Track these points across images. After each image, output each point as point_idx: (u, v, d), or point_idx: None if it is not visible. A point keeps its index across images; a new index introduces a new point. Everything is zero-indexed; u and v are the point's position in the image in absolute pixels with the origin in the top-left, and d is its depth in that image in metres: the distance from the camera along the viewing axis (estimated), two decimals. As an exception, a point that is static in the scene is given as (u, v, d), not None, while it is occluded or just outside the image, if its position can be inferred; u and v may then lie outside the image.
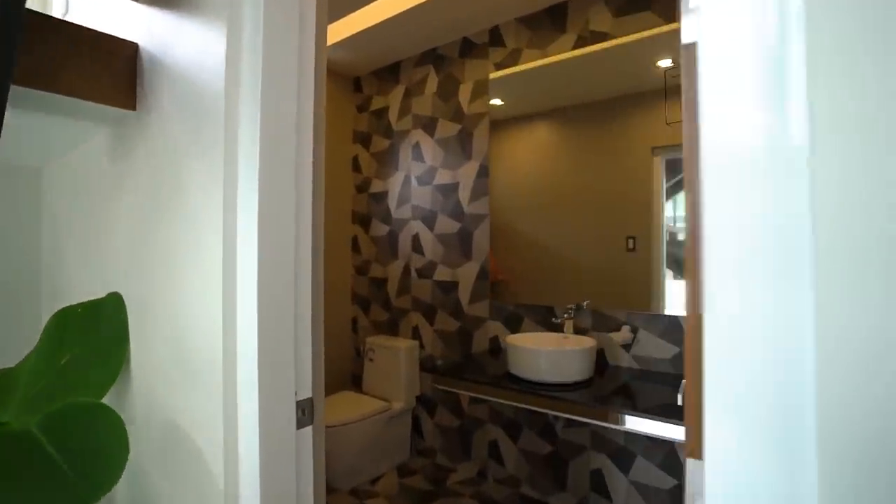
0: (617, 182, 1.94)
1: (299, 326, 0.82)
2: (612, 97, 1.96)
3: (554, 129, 2.16)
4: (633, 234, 1.89)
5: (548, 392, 1.60)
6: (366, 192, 3.00)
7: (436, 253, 2.59)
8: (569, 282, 2.08)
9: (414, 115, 2.72)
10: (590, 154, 2.03)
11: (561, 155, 2.12)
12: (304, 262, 0.83)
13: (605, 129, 1.98)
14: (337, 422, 2.21)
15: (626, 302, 1.90)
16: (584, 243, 2.04)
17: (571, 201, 2.08)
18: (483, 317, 2.38)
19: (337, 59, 2.81)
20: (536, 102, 2.20)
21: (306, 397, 0.81)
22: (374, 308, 2.93)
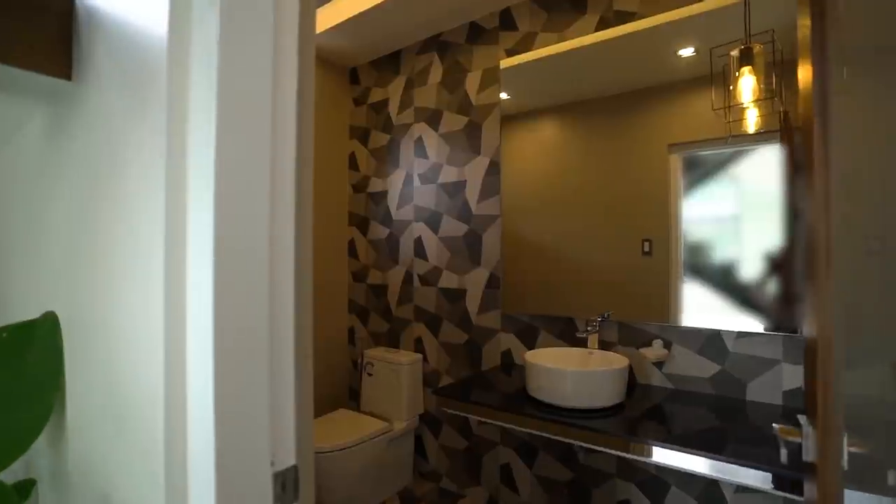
0: (631, 181, 1.77)
1: (278, 365, 0.60)
2: (627, 91, 1.79)
3: (564, 126, 1.96)
4: (649, 236, 1.69)
5: (573, 420, 1.38)
6: (363, 191, 2.78)
7: (441, 258, 2.37)
8: (586, 290, 1.87)
9: (416, 107, 2.51)
10: (603, 152, 1.85)
11: (572, 153, 1.93)
12: (283, 274, 0.61)
13: (618, 125, 1.81)
14: (332, 446, 1.98)
15: (651, 312, 1.70)
16: (599, 247, 1.84)
17: (584, 201, 1.89)
18: (494, 329, 2.16)
19: (331, 48, 2.59)
20: (546, 97, 2.00)
21: (288, 466, 0.59)
22: (372, 318, 2.70)
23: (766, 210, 1.47)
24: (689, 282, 1.62)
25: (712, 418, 1.40)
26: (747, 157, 1.52)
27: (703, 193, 1.61)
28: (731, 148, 1.54)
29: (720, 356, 1.56)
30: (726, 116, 1.53)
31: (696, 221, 1.63)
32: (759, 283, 1.48)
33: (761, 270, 1.48)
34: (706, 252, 1.60)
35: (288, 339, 0.62)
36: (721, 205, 1.57)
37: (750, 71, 1.43)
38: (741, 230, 1.53)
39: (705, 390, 1.59)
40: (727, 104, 1.53)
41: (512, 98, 2.10)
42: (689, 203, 1.63)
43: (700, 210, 1.62)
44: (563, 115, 1.96)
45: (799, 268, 1.42)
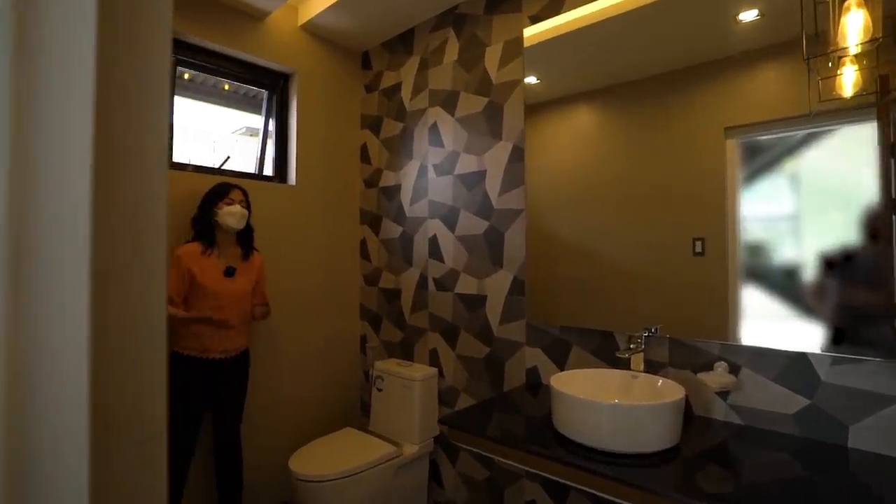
0: (680, 172, 1.47)
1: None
2: (675, 69, 1.49)
3: (601, 112, 1.65)
4: (701, 234, 1.38)
5: (611, 468, 1.07)
6: (375, 186, 2.53)
7: (458, 259, 2.09)
8: (628, 298, 1.55)
9: (430, 90, 2.23)
10: (646, 140, 1.54)
11: (610, 142, 1.62)
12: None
13: (665, 109, 1.50)
14: (333, 474, 1.73)
15: (709, 326, 1.36)
16: (642, 247, 1.53)
17: (625, 196, 1.58)
18: (518, 341, 1.85)
19: (340, 30, 2.36)
20: (580, 80, 1.69)
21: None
22: (385, 325, 2.45)
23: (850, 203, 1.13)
24: (750, 287, 1.29)
25: (798, 468, 1.05)
26: (826, 138, 1.18)
27: (767, 183, 1.28)
28: (803, 129, 1.21)
29: (808, 387, 1.20)
30: (816, 72, 1.17)
31: (756, 217, 1.30)
32: (854, 295, 1.12)
33: (859, 279, 1.11)
34: (768, 252, 1.27)
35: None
36: (788, 197, 1.23)
37: (859, 3, 1.07)
38: (816, 225, 1.18)
39: (787, 430, 1.23)
40: (814, 56, 1.17)
41: (541, 82, 1.79)
42: (749, 195, 1.31)
43: (762, 203, 1.29)
44: (599, 100, 1.65)
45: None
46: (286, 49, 2.30)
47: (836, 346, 1.15)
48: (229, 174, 2.15)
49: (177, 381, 1.74)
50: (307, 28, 2.35)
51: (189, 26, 1.97)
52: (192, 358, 1.73)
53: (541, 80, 1.79)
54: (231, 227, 1.80)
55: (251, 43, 2.17)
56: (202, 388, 1.75)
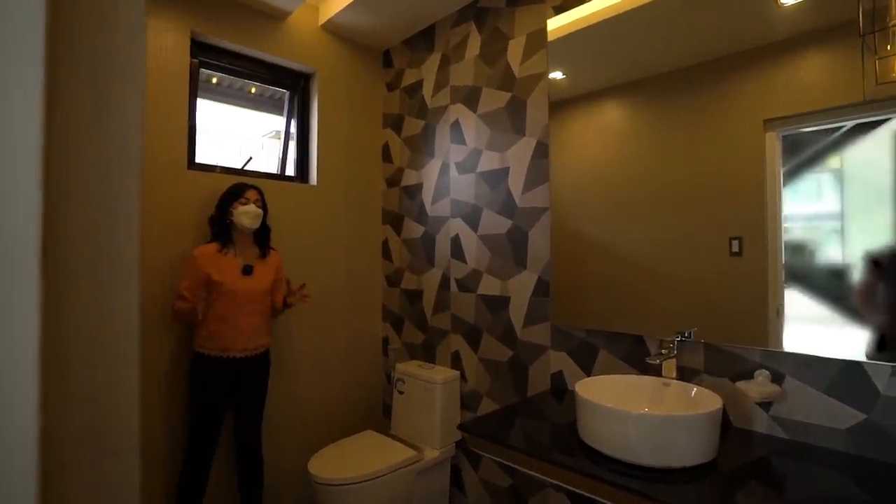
0: (716, 168, 1.37)
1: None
2: (711, 59, 1.39)
3: (629, 108, 1.56)
4: (739, 233, 1.28)
5: (640, 482, 0.99)
6: (397, 185, 2.50)
7: (480, 259, 2.03)
8: (659, 300, 1.46)
9: (452, 86, 2.18)
10: (679, 135, 1.45)
11: (638, 139, 1.53)
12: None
13: (699, 102, 1.40)
14: (353, 477, 1.70)
15: (747, 330, 1.26)
16: (675, 247, 1.44)
17: (656, 194, 1.49)
18: (542, 345, 1.78)
19: (360, 28, 2.34)
20: (607, 74, 1.61)
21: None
22: (407, 327, 2.41)
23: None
24: (793, 290, 1.19)
25: (853, 489, 0.95)
26: (878, 129, 1.07)
27: (810, 178, 1.18)
28: (852, 119, 1.11)
29: (865, 400, 1.09)
30: (873, 51, 1.06)
31: (798, 215, 1.20)
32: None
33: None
34: (811, 252, 1.17)
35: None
36: (832, 193, 1.13)
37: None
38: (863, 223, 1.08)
39: (839, 446, 1.12)
40: (871, 33, 1.06)
41: (566, 77, 1.71)
42: (791, 192, 1.22)
43: (804, 200, 1.19)
44: (627, 94, 1.57)
45: None
46: (307, 49, 2.29)
47: (879, 352, 1.04)
48: (252, 175, 2.15)
49: (198, 380, 1.74)
50: (328, 27, 2.33)
51: (210, 28, 1.98)
52: (212, 357, 1.74)
53: (566, 75, 1.72)
54: (246, 226, 1.80)
55: (272, 43, 2.17)
56: (223, 388, 1.75)
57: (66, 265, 0.35)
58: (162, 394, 1.80)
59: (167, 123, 1.85)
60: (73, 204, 0.36)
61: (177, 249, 1.84)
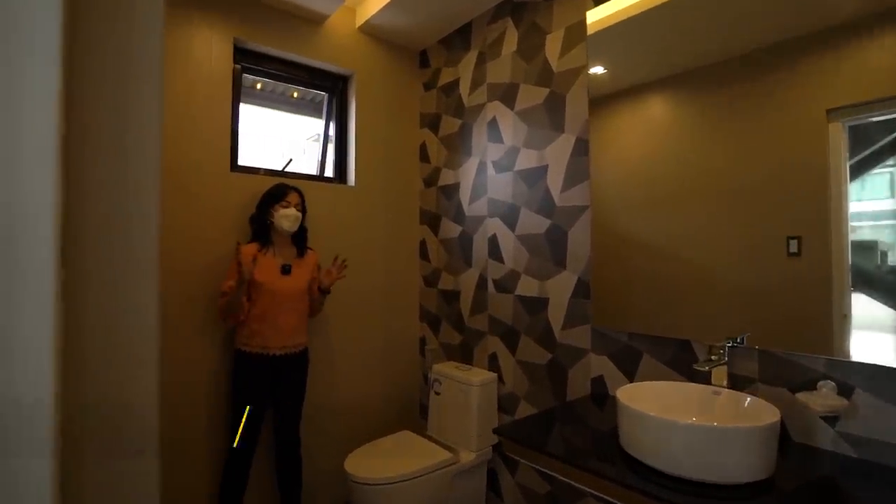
0: (772, 163, 1.27)
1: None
2: (766, 45, 1.28)
3: (676, 101, 1.48)
4: (797, 232, 1.18)
5: (690, 497, 0.92)
6: (434, 185, 2.49)
7: (518, 260, 1.99)
8: (709, 303, 1.37)
9: (489, 84, 2.15)
10: (731, 128, 1.36)
11: (686, 134, 1.45)
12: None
13: (753, 92, 1.30)
14: (388, 478, 1.70)
15: (809, 337, 1.16)
16: (726, 247, 1.35)
17: (705, 191, 1.40)
18: (582, 348, 1.72)
19: (397, 29, 2.34)
20: (651, 66, 1.54)
21: None
22: (444, 328, 2.40)
23: None
24: (860, 294, 1.09)
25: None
26: None
27: (879, 172, 1.08)
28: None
29: (946, 416, 0.98)
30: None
31: (865, 213, 1.11)
32: None
33: None
34: (880, 252, 1.06)
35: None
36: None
37: None
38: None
39: (917, 467, 1.01)
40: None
41: (607, 72, 1.65)
42: (857, 187, 1.12)
43: (872, 196, 1.09)
44: (674, 87, 1.49)
45: None
46: (345, 51, 2.32)
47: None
48: (292, 176, 2.20)
49: (239, 377, 1.79)
50: (365, 29, 2.36)
51: (252, 34, 2.04)
52: (252, 355, 1.78)
53: (607, 70, 1.65)
54: (285, 229, 1.84)
55: (311, 47, 2.21)
56: (263, 385, 1.80)
57: (80, 265, 0.35)
58: (210, 392, 1.87)
59: (211, 128, 1.92)
60: (89, 203, 0.36)
61: (220, 251, 1.90)
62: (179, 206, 1.83)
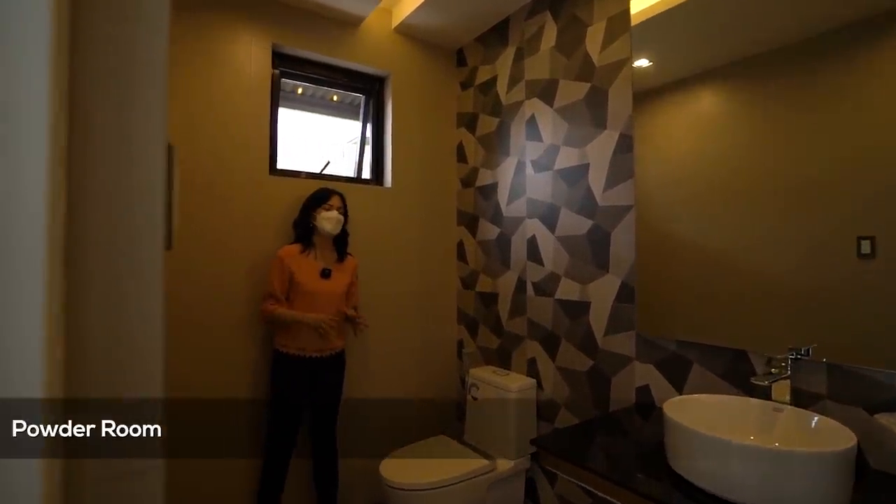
0: (839, 156, 1.15)
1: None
2: (834, 27, 1.16)
3: (728, 94, 1.38)
4: (870, 232, 1.07)
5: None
6: (472, 186, 2.44)
7: (558, 262, 1.91)
8: (768, 309, 1.26)
9: (527, 81, 2.09)
10: (790, 121, 1.26)
11: (741, 128, 1.34)
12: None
13: (818, 79, 1.19)
14: (423, 483, 1.68)
15: (887, 351, 1.04)
16: (786, 248, 1.23)
17: (759, 190, 1.30)
18: (626, 356, 1.63)
19: (433, 28, 2.32)
20: (702, 56, 1.43)
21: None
22: (482, 331, 2.35)
23: None
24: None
25: None
26: None
27: None
28: None
29: None
30: None
31: None
32: None
33: None
34: None
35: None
36: None
37: None
38: None
39: None
40: None
41: (652, 65, 1.55)
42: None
43: None
44: (727, 78, 1.38)
45: None
46: (381, 53, 2.32)
47: None
48: (329, 178, 2.22)
49: (278, 378, 1.82)
50: (401, 30, 2.34)
51: (289, 39, 2.07)
52: (290, 356, 1.80)
53: (652, 62, 1.55)
54: (328, 231, 1.85)
55: (347, 49, 2.22)
56: (300, 386, 1.81)
57: (82, 270, 0.33)
58: (250, 392, 1.90)
59: (250, 132, 1.96)
60: (90, 205, 0.34)
61: (259, 253, 1.93)
62: (219, 208, 1.88)
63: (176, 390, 1.74)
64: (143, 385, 0.37)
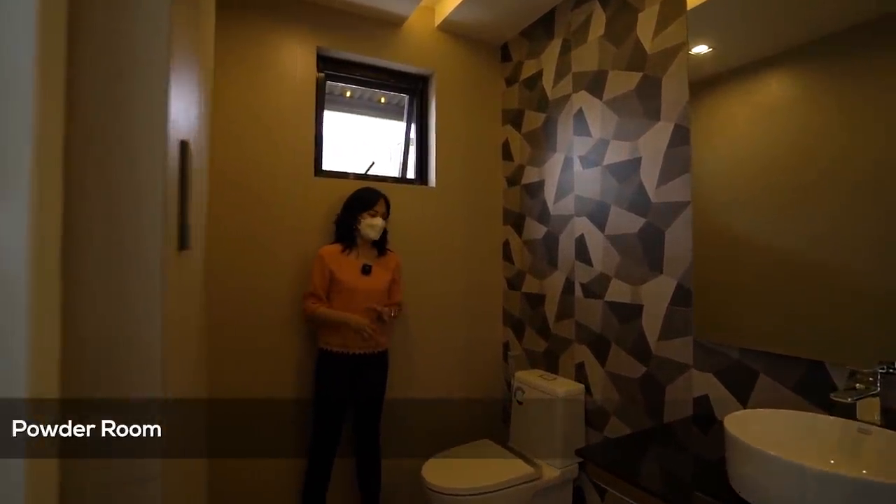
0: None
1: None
2: None
3: (800, 79, 1.24)
4: None
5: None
6: (518, 184, 2.38)
7: (608, 262, 1.82)
8: (848, 315, 1.12)
9: (574, 73, 2.00)
10: (880, 106, 1.07)
11: (814, 115, 1.20)
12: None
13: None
14: (465, 489, 1.64)
15: None
16: (869, 247, 1.08)
17: (837, 182, 1.15)
18: (683, 363, 1.51)
19: (477, 24, 2.28)
20: (770, 38, 1.29)
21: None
22: (528, 333, 2.28)
23: None
24: None
25: None
26: None
27: None
28: None
29: None
30: None
31: None
32: None
33: None
34: None
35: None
36: None
37: None
38: None
39: None
40: None
41: (713, 51, 1.43)
42: None
43: None
44: (798, 62, 1.24)
45: None
46: (424, 51, 2.30)
47: None
48: (374, 179, 2.23)
49: (321, 375, 1.84)
50: (444, 27, 2.32)
51: (334, 42, 2.09)
52: (333, 353, 1.82)
53: (712, 48, 1.43)
54: (370, 238, 1.87)
55: (391, 50, 2.22)
56: (344, 383, 1.83)
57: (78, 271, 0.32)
58: (295, 389, 1.94)
59: (295, 135, 2.00)
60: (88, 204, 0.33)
61: (304, 253, 1.97)
62: (264, 210, 1.93)
63: (222, 391, 1.81)
64: (142, 385, 0.35)
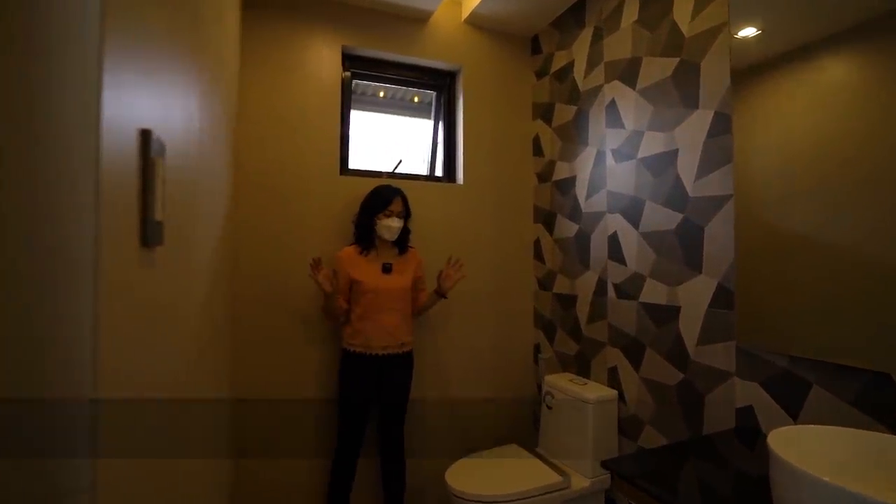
0: None
1: None
2: None
3: (862, 61, 1.09)
4: None
5: None
6: (549, 181, 2.30)
7: (642, 261, 1.71)
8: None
9: (606, 63, 1.90)
10: None
11: (879, 101, 1.05)
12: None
13: None
14: (489, 496, 1.59)
15: None
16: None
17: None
18: (724, 371, 1.40)
19: (505, 16, 2.22)
20: (826, 15, 1.16)
21: None
22: (559, 335, 2.20)
23: None
24: None
25: None
26: None
27: None
28: None
29: None
30: None
31: None
32: None
33: None
34: None
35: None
36: None
37: None
38: None
39: None
40: None
41: (760, 33, 1.31)
42: None
43: None
44: (860, 42, 1.10)
45: None
46: (451, 46, 2.26)
47: None
48: (401, 177, 2.21)
49: (346, 375, 1.83)
50: (471, 21, 2.27)
51: (359, 40, 2.08)
52: (357, 354, 1.81)
53: (761, 30, 1.30)
54: (387, 238, 1.85)
55: (417, 46, 2.19)
56: (368, 383, 1.81)
57: None
58: (318, 391, 1.95)
59: (321, 134, 2.01)
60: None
61: (329, 251, 1.96)
62: (288, 209, 1.94)
63: (246, 391, 1.83)
64: (61, 387, 0.33)
